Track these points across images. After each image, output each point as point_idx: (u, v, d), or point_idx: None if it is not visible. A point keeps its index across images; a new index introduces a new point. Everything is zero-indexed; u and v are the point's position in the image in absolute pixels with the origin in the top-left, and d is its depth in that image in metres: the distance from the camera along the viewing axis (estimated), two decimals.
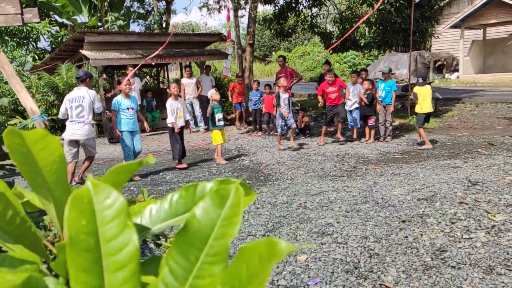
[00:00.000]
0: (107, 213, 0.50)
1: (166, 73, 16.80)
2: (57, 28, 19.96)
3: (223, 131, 7.71)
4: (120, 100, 6.81)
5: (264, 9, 31.04)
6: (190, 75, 11.92)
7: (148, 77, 17.80)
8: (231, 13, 15.20)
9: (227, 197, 0.54)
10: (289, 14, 14.03)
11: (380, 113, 9.31)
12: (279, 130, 8.76)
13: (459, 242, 3.68)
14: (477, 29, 22.51)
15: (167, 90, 11.36)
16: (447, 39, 24.47)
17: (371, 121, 9.22)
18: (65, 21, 20.15)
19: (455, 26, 21.60)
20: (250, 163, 7.68)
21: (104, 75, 12.45)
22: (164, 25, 20.55)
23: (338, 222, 4.33)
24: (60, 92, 12.15)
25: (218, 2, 15.15)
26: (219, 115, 7.46)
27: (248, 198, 0.63)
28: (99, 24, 19.00)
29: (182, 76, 13.96)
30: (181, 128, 7.35)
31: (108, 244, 0.49)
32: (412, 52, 23.15)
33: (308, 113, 13.75)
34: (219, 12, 14.97)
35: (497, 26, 21.59)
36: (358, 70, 10.49)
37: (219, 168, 7.37)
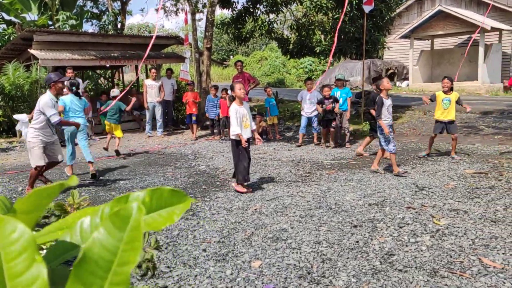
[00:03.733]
0: (13, 248, 0.48)
1: (121, 75, 16.42)
2: (4, 26, 19.05)
3: (116, 127, 8.95)
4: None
5: (223, 13, 31.02)
6: (155, 77, 11.71)
7: (102, 79, 17.32)
8: (189, 16, 15.09)
9: (128, 218, 0.51)
10: (246, 19, 14.12)
11: (337, 120, 9.54)
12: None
13: (406, 246, 3.84)
14: (426, 40, 23.59)
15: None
16: (398, 49, 25.46)
17: (334, 124, 9.47)
18: (13, 19, 19.27)
19: (405, 37, 22.52)
20: (206, 168, 7.65)
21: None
22: (119, 26, 20.09)
23: (292, 228, 4.40)
24: (6, 93, 11.57)
25: (176, 5, 15.00)
26: (111, 112, 8.82)
27: (183, 206, 0.62)
28: (50, 23, 18.31)
29: (139, 79, 13.70)
30: (248, 141, 5.93)
31: (15, 281, 0.47)
32: (365, 60, 23.95)
33: (265, 118, 13.88)
34: (176, 14, 14.82)
35: (444, 37, 22.72)
36: (311, 77, 10.64)
37: (174, 173, 7.29)
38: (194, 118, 11.11)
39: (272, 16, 14.69)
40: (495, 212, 4.63)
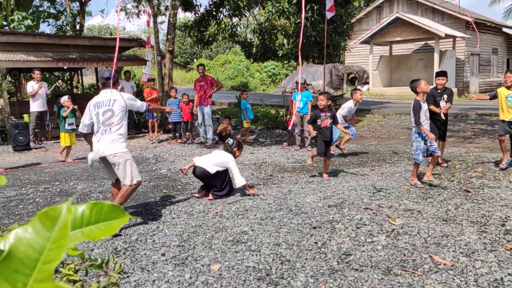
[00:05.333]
0: None
1: (80, 77, 15.99)
2: None
3: (72, 135, 8.80)
4: None
5: (186, 16, 30.84)
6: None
7: (60, 81, 16.79)
8: (151, 19, 14.91)
9: (57, 219, 0.52)
10: (210, 22, 14.11)
11: (297, 124, 9.67)
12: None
13: (363, 245, 3.93)
14: (385, 46, 24.32)
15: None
16: (358, 54, 26.11)
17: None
18: None
19: (365, 42, 23.13)
20: (167, 171, 7.56)
21: (9, 78, 11.55)
22: (78, 27, 19.55)
23: (252, 230, 4.42)
24: None
25: (137, 7, 14.79)
26: (69, 120, 8.71)
27: (121, 220, 0.63)
28: (5, 23, 17.60)
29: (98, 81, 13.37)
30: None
31: None
32: (327, 65, 24.44)
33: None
34: (138, 17, 14.62)
35: (401, 43, 23.50)
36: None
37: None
38: (155, 113, 11.06)
39: (235, 20, 14.75)
40: (447, 211, 4.83)
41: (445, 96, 7.11)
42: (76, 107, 8.88)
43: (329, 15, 11.19)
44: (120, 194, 4.59)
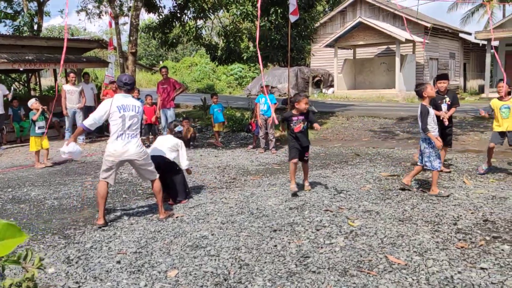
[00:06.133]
0: None
1: (38, 79, 15.46)
2: None
3: (43, 138, 8.43)
4: None
5: (150, 17, 30.41)
6: (74, 82, 11.13)
7: (16, 83, 16.18)
8: (114, 20, 14.60)
9: None
10: (174, 24, 13.96)
11: (262, 126, 9.68)
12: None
13: (322, 247, 3.96)
14: (349, 49, 24.78)
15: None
16: (323, 57, 26.50)
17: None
18: None
19: (329, 46, 23.49)
20: (129, 176, 7.41)
21: None
22: (36, 27, 18.89)
23: (212, 235, 4.38)
24: None
25: (98, 7, 14.48)
26: (40, 123, 8.36)
27: (16, 240, 0.60)
28: None
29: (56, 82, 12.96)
30: None
31: None
32: (293, 68, 24.64)
33: (193, 124, 13.76)
34: (100, 17, 14.30)
35: (365, 47, 24.03)
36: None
37: (94, 183, 6.97)
38: None
39: (200, 22, 14.67)
40: (404, 211, 4.94)
41: (447, 99, 6.80)
42: (45, 107, 8.53)
43: (292, 18, 11.27)
44: (157, 190, 5.03)
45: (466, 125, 12.59)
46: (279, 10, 11.59)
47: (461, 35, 28.49)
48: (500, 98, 6.44)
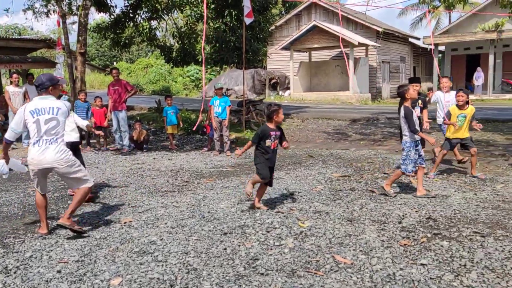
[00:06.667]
0: None
1: None
2: None
3: None
4: None
5: (103, 17, 29.61)
6: (18, 83, 10.61)
7: None
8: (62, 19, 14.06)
9: None
10: (126, 24, 13.65)
11: (216, 129, 9.62)
12: None
13: (271, 249, 3.97)
14: (304, 52, 25.16)
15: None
16: (280, 59, 26.76)
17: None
18: None
19: (285, 48, 23.75)
20: None
21: None
22: None
23: (161, 240, 4.29)
24: None
25: (46, 6, 13.90)
26: None
27: None
28: None
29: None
30: None
31: None
32: (249, 70, 24.71)
33: (148, 126, 13.50)
34: (48, 16, 13.72)
35: (320, 50, 24.47)
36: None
37: None
38: None
39: (154, 23, 14.41)
40: (352, 212, 5.05)
41: (419, 102, 6.93)
42: None
43: (247, 21, 11.32)
44: (78, 197, 4.49)
45: None
46: (233, 13, 11.59)
47: (410, 39, 29.63)
48: (459, 107, 6.57)
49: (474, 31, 23.96)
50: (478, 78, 23.80)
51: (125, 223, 4.86)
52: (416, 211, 4.97)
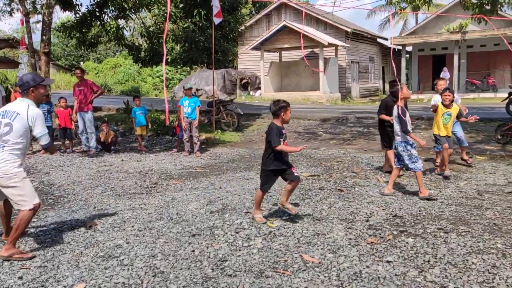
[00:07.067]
0: None
1: None
2: None
3: None
4: None
5: (68, 15, 28.89)
6: None
7: None
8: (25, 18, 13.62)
9: None
10: (92, 23, 13.33)
11: (186, 129, 9.51)
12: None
13: (239, 250, 3.95)
14: (275, 52, 25.25)
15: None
16: (250, 59, 26.76)
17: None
18: None
19: (255, 48, 23.78)
20: (40, 184, 6.92)
21: None
22: None
23: (127, 243, 4.20)
24: None
25: (10, 5, 13.45)
26: None
27: None
28: None
29: None
30: None
31: None
32: (220, 70, 24.60)
33: (116, 127, 13.24)
34: (11, 15, 13.27)
35: (290, 50, 24.62)
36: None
37: None
38: None
39: (121, 22, 14.14)
40: (321, 211, 5.08)
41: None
42: None
43: (216, 20, 11.25)
44: (16, 224, 3.90)
45: None
46: (202, 12, 11.50)
47: (379, 40, 30.21)
48: (445, 106, 6.60)
49: (440, 32, 24.65)
50: (444, 77, 24.50)
51: (90, 227, 4.74)
52: (383, 209, 5.06)
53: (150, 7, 11.89)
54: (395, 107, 5.69)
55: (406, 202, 5.33)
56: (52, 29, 13.37)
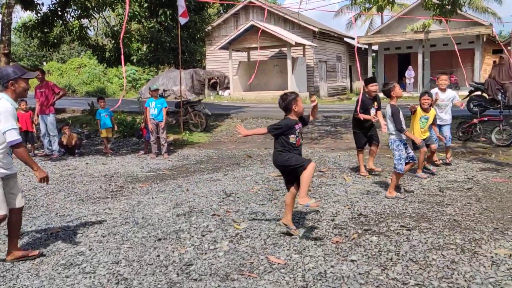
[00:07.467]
0: None
1: None
2: None
3: None
4: None
5: (30, 15, 27.97)
6: None
7: None
8: None
9: None
10: (55, 22, 12.95)
11: (153, 131, 9.37)
12: None
13: (205, 253, 3.92)
14: (243, 51, 25.24)
15: None
16: (219, 59, 26.65)
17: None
18: None
19: (223, 48, 23.69)
20: None
21: None
22: None
23: (90, 250, 4.09)
24: None
25: None
26: None
27: None
28: None
29: None
30: None
31: None
32: (188, 70, 24.39)
33: (80, 130, 12.91)
34: None
35: (258, 49, 24.62)
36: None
37: None
38: None
39: (84, 21, 13.79)
40: None
41: (375, 104, 6.85)
42: None
43: (182, 20, 11.14)
44: None
45: (351, 124, 13.52)
46: (168, 12, 11.35)
47: (346, 39, 30.66)
48: (423, 109, 6.54)
49: (404, 31, 25.26)
50: (409, 76, 25.12)
51: (51, 234, 4.60)
52: (348, 208, 5.13)
53: (114, 6, 11.64)
54: (388, 106, 5.62)
55: (371, 201, 5.43)
56: (12, 29, 12.93)
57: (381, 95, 6.99)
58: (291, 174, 4.29)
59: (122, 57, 6.89)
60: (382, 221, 4.61)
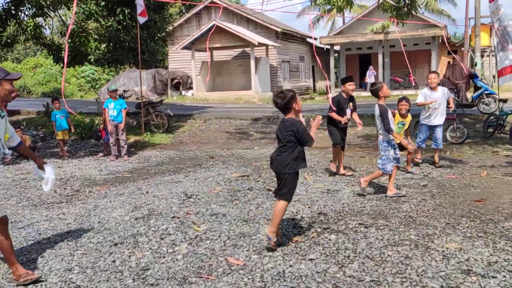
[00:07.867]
0: None
1: None
2: None
3: None
4: None
5: None
6: None
7: None
8: None
9: None
10: (8, 21, 12.42)
11: (112, 133, 9.13)
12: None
13: (164, 257, 3.83)
14: (206, 51, 25.02)
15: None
16: (181, 59, 26.35)
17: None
18: None
19: (186, 48, 23.42)
20: None
21: None
22: None
23: (42, 257, 3.93)
24: None
25: None
26: None
27: None
28: None
29: None
30: None
31: None
32: (150, 70, 23.98)
33: (35, 132, 12.43)
34: None
35: (221, 49, 24.54)
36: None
37: None
38: None
39: (39, 20, 13.28)
40: (249, 211, 5.08)
41: (351, 104, 6.78)
42: None
43: (141, 20, 10.91)
44: None
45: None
46: (126, 11, 11.09)
47: (308, 39, 31.00)
48: (401, 115, 6.59)
49: (365, 32, 25.81)
50: (370, 76, 25.70)
51: None
52: (308, 207, 5.16)
53: (69, 4, 11.26)
54: (376, 106, 5.58)
55: (331, 199, 5.48)
56: None
57: (364, 94, 7.03)
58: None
59: (66, 57, 6.65)
60: (341, 219, 4.66)
